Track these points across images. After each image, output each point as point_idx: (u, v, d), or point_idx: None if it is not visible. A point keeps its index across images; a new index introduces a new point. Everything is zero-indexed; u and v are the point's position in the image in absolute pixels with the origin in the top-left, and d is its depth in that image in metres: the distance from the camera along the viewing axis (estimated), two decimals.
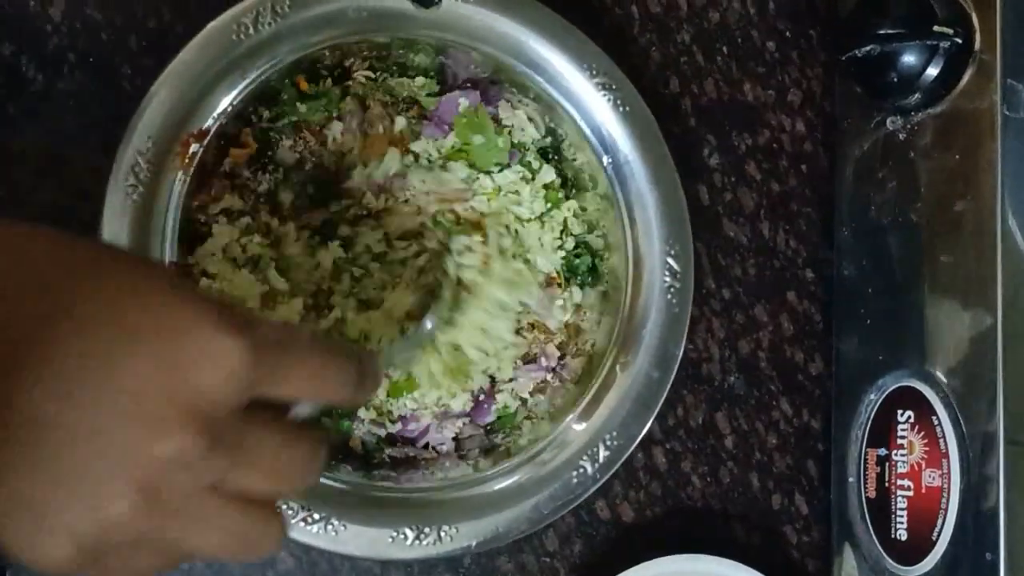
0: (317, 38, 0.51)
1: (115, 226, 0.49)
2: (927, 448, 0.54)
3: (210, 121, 0.50)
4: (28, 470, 0.30)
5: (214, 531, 0.32)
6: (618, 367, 0.53)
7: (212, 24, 0.50)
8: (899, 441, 0.56)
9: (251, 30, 0.50)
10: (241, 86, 0.50)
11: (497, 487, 0.52)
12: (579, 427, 0.53)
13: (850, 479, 0.59)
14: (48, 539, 0.30)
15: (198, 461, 0.30)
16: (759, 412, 0.63)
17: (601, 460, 0.52)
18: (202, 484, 0.31)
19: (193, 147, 0.50)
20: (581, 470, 0.52)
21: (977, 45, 0.53)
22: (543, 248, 0.57)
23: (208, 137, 0.50)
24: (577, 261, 0.57)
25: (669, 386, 0.53)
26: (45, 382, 0.29)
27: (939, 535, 0.53)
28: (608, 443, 0.52)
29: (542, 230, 0.57)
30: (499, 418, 0.57)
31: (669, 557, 0.57)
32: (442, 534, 0.50)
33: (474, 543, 0.50)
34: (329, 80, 0.54)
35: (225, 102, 0.50)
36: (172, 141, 0.49)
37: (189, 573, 0.56)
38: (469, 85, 0.56)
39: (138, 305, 0.31)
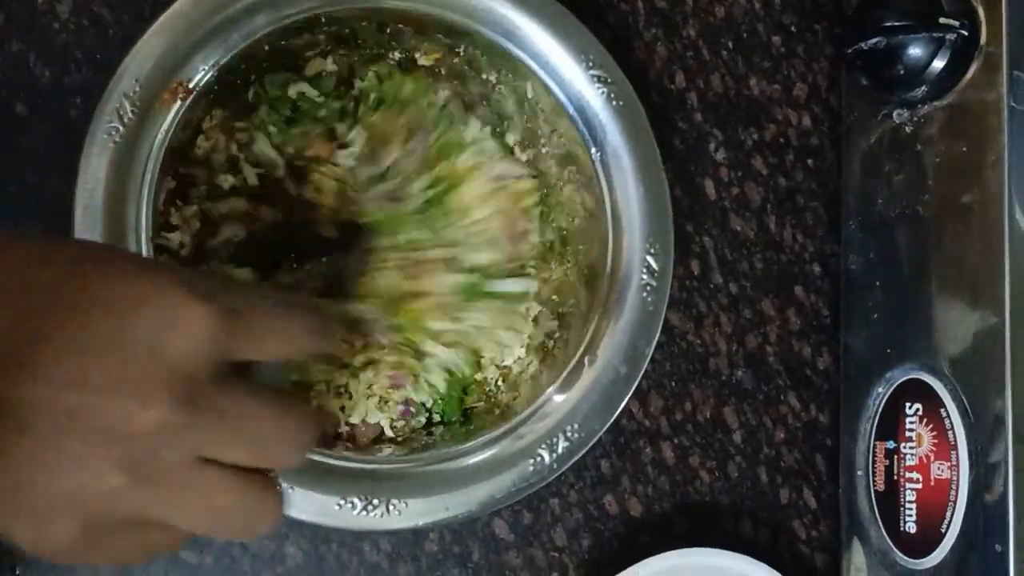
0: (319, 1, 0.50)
1: (94, 168, 0.47)
2: (936, 440, 0.54)
3: (201, 74, 0.49)
4: (24, 458, 0.30)
5: (207, 503, 0.32)
6: (586, 360, 0.52)
7: None
8: (907, 434, 0.55)
9: None
10: (236, 40, 0.49)
11: (451, 467, 0.51)
12: (541, 417, 0.52)
13: (858, 472, 0.59)
14: (49, 525, 0.31)
15: (181, 430, 0.31)
16: (767, 407, 0.63)
17: (560, 451, 0.51)
18: (188, 454, 0.32)
19: (180, 96, 0.49)
20: (538, 459, 0.51)
21: (983, 38, 0.53)
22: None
23: (196, 92, 0.49)
24: None
25: (636, 384, 0.52)
26: (27, 376, 0.30)
27: (948, 527, 0.52)
28: (569, 435, 0.51)
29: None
30: (469, 409, 0.56)
31: (677, 551, 0.56)
32: (391, 507, 0.49)
33: (422, 522, 0.49)
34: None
35: (218, 57, 0.49)
36: (161, 88, 0.48)
37: (198, 569, 0.56)
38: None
39: (102, 283, 0.31)
